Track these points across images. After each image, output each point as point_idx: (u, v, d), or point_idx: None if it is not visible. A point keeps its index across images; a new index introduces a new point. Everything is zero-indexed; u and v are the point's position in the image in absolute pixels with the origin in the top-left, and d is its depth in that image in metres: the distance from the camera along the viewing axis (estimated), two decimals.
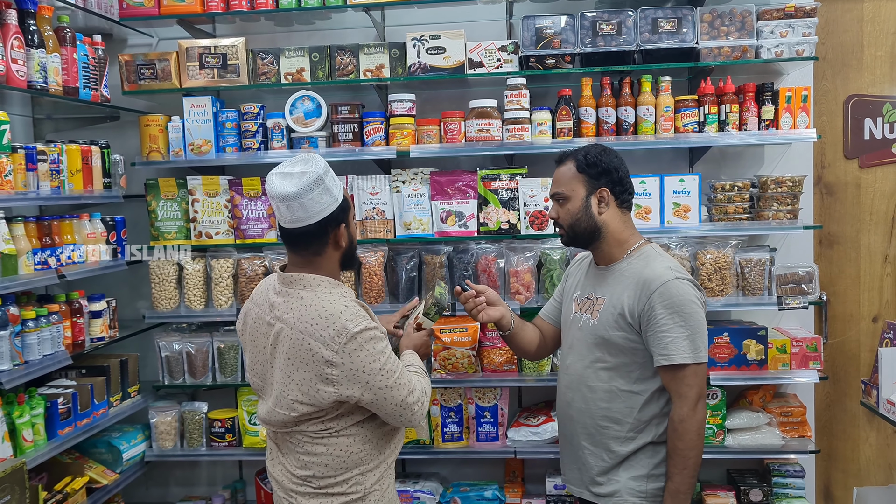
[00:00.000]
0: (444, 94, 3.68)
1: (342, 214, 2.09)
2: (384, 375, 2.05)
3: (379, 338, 2.06)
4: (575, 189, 2.35)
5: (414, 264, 3.50)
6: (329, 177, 2.04)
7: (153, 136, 3.50)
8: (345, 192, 2.13)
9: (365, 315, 2.06)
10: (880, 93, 3.66)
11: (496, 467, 3.78)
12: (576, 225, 2.37)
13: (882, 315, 3.71)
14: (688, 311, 2.20)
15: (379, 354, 2.04)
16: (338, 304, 2.04)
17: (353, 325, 2.00)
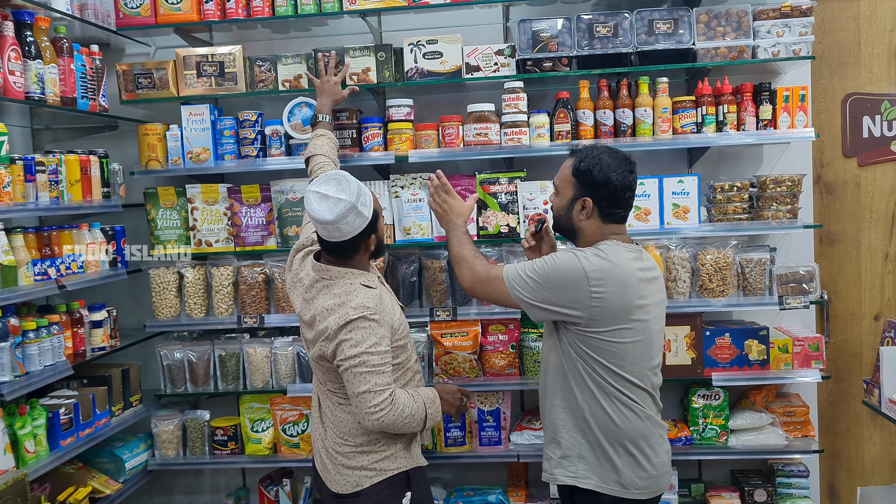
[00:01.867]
0: (442, 98, 3.68)
1: (372, 227, 2.44)
2: (355, 362, 2.33)
3: (371, 328, 2.34)
4: (565, 188, 2.45)
5: (414, 269, 3.50)
6: (362, 199, 2.37)
7: (152, 145, 3.51)
8: (375, 204, 2.46)
9: (368, 307, 2.35)
10: (878, 91, 3.65)
11: (499, 471, 3.77)
12: (559, 218, 2.50)
13: (884, 313, 3.70)
14: (547, 270, 2.34)
15: (362, 342, 2.33)
16: (351, 294, 2.38)
17: (350, 314, 2.34)
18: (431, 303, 3.48)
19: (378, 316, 2.38)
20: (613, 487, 2.34)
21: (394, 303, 2.59)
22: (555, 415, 2.45)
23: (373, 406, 2.33)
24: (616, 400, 2.34)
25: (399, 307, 2.63)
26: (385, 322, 2.40)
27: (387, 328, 2.41)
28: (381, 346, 2.36)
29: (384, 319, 2.40)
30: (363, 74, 3.41)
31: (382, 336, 2.38)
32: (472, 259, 2.58)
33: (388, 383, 2.37)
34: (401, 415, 2.39)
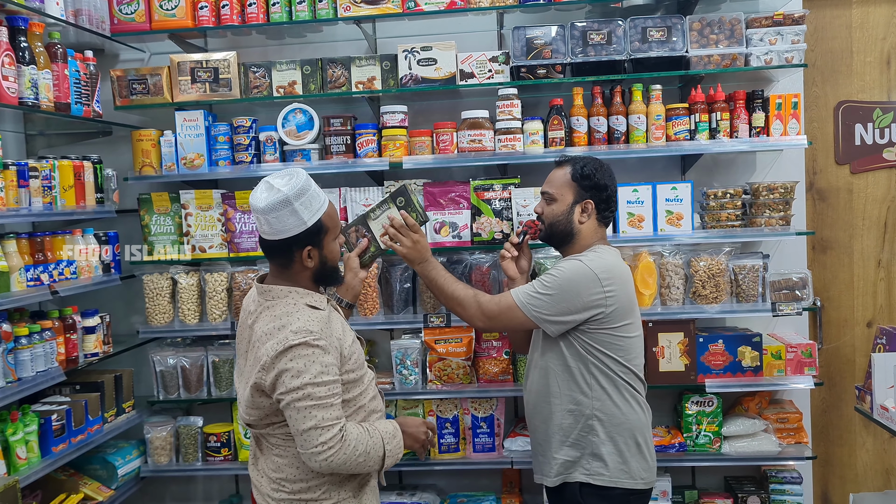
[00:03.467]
0: (436, 105, 3.69)
1: (310, 238, 2.15)
2: (298, 395, 2.05)
3: (315, 356, 2.06)
4: (564, 194, 2.57)
5: (408, 276, 3.50)
6: (302, 200, 2.11)
7: (145, 151, 3.50)
8: (328, 219, 2.19)
9: (311, 331, 2.08)
10: (870, 98, 3.67)
11: (493, 478, 3.77)
12: (554, 225, 2.59)
13: (876, 320, 3.72)
14: (559, 283, 2.44)
15: (305, 372, 2.05)
16: (292, 316, 2.11)
17: (292, 339, 2.06)
18: (425, 309, 3.48)
19: (324, 342, 2.09)
20: (624, 480, 2.45)
21: (346, 330, 2.27)
22: (559, 419, 2.50)
23: (320, 444, 2.06)
24: (625, 392, 2.49)
25: (355, 336, 2.33)
26: (332, 348, 2.12)
27: (334, 355, 2.12)
28: (328, 376, 2.08)
29: (331, 345, 2.12)
30: (369, 83, 3.42)
31: (329, 364, 2.09)
32: (472, 296, 2.59)
33: (336, 417, 2.09)
34: (353, 453, 2.11)
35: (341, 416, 2.11)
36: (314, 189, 2.16)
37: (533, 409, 2.61)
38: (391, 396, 3.49)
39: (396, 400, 3.56)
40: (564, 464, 2.50)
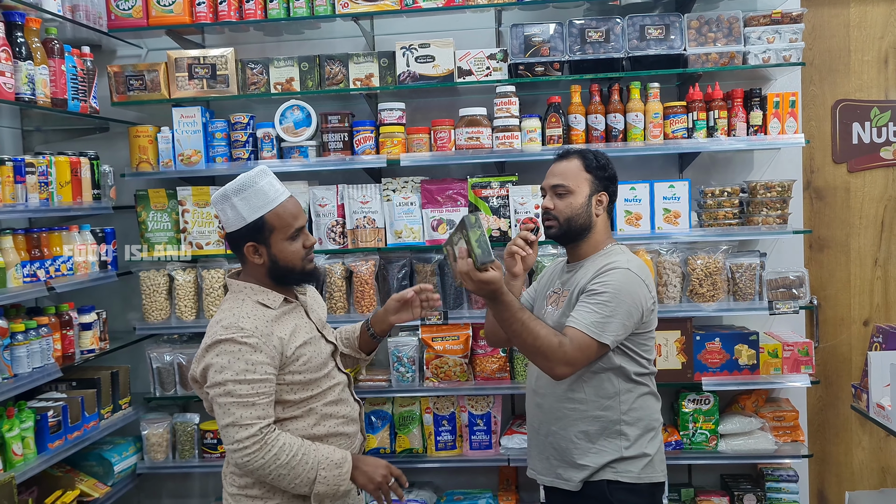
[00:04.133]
0: (434, 102, 3.68)
1: (252, 235, 2.18)
2: (220, 391, 2.08)
3: (241, 353, 2.07)
4: (580, 186, 2.40)
5: (405, 273, 3.50)
6: (242, 195, 2.15)
7: (143, 147, 3.50)
8: (274, 218, 2.17)
9: (243, 328, 2.09)
10: (868, 97, 3.67)
11: (490, 475, 3.77)
12: (573, 219, 2.40)
13: (873, 318, 3.72)
14: (620, 299, 2.25)
15: (227, 368, 2.07)
16: (232, 311, 2.15)
17: (220, 333, 2.09)
18: None
19: (254, 339, 2.08)
20: (650, 474, 2.37)
21: (299, 332, 2.22)
22: (584, 425, 2.34)
23: (236, 442, 2.06)
24: (649, 388, 2.42)
25: (321, 341, 2.29)
26: (266, 347, 2.10)
27: (267, 354, 2.10)
28: (254, 374, 2.07)
29: (265, 344, 2.10)
30: (366, 80, 3.42)
31: (257, 363, 2.07)
32: (556, 345, 2.19)
33: (257, 417, 2.07)
34: (273, 461, 2.07)
35: (266, 416, 2.09)
36: (260, 186, 2.16)
37: (549, 414, 2.42)
38: (388, 393, 3.49)
39: (394, 397, 3.56)
40: (590, 468, 2.34)
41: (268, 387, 2.11)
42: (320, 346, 2.28)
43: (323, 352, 2.28)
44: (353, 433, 2.35)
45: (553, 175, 2.45)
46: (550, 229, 2.45)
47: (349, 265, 3.47)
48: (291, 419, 2.20)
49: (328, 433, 2.25)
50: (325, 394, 2.26)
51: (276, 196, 2.19)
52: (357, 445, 2.37)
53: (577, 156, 2.44)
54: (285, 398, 2.18)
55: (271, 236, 2.18)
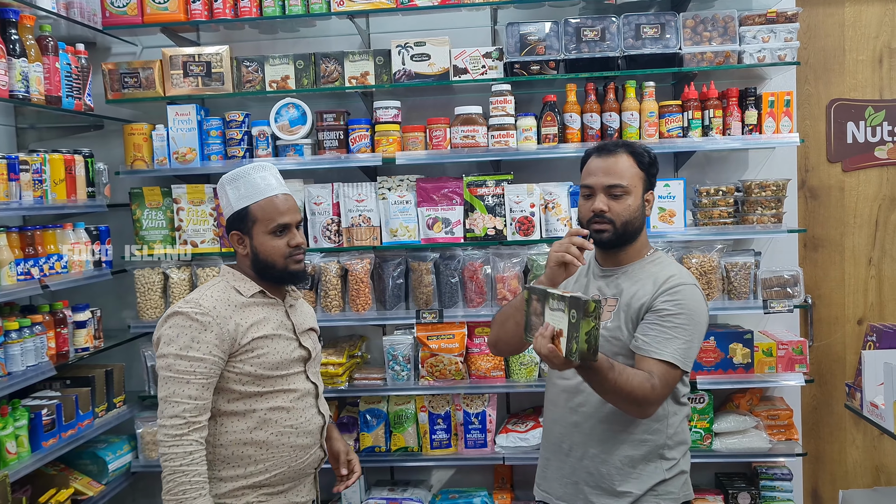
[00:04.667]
0: (430, 101, 3.68)
1: (236, 222, 2.23)
2: (162, 364, 2.09)
3: (190, 328, 2.08)
4: (636, 185, 2.17)
5: (401, 271, 3.49)
6: (235, 184, 2.22)
7: (137, 145, 3.49)
8: (258, 209, 2.19)
9: (201, 304, 2.12)
10: (862, 97, 3.68)
11: (485, 474, 3.77)
12: (631, 223, 2.17)
13: (867, 317, 3.73)
14: (696, 321, 2.09)
15: (174, 340, 2.08)
16: (201, 290, 2.21)
17: (179, 306, 2.14)
18: (418, 305, 3.48)
19: (208, 318, 2.09)
20: (687, 491, 2.25)
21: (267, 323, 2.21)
22: (630, 450, 2.16)
23: (162, 418, 2.06)
24: (688, 407, 2.29)
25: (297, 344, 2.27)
26: (216, 328, 2.09)
27: (216, 336, 2.09)
28: (196, 352, 2.07)
29: (218, 325, 2.10)
30: (362, 78, 3.41)
31: (202, 342, 2.07)
32: (649, 388, 2.00)
33: (188, 396, 2.05)
34: (171, 459, 2.04)
35: (198, 398, 2.07)
36: (252, 178, 2.22)
37: (590, 437, 2.18)
38: (384, 392, 3.49)
39: (389, 396, 3.56)
40: (632, 496, 2.16)
41: (207, 367, 2.08)
42: (287, 346, 2.24)
43: (288, 353, 2.24)
44: (304, 446, 2.26)
45: (607, 173, 2.16)
46: (603, 234, 2.15)
47: (344, 264, 3.46)
48: (231, 416, 2.17)
49: (268, 441, 2.19)
50: (273, 397, 2.20)
51: (265, 189, 2.22)
52: (309, 460, 2.29)
53: (625, 150, 2.19)
54: (231, 387, 2.15)
55: (254, 227, 2.21)
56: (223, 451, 2.17)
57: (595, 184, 2.17)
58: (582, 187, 2.22)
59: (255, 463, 2.19)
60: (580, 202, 2.23)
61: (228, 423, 2.17)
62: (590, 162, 2.22)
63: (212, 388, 2.12)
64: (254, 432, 2.18)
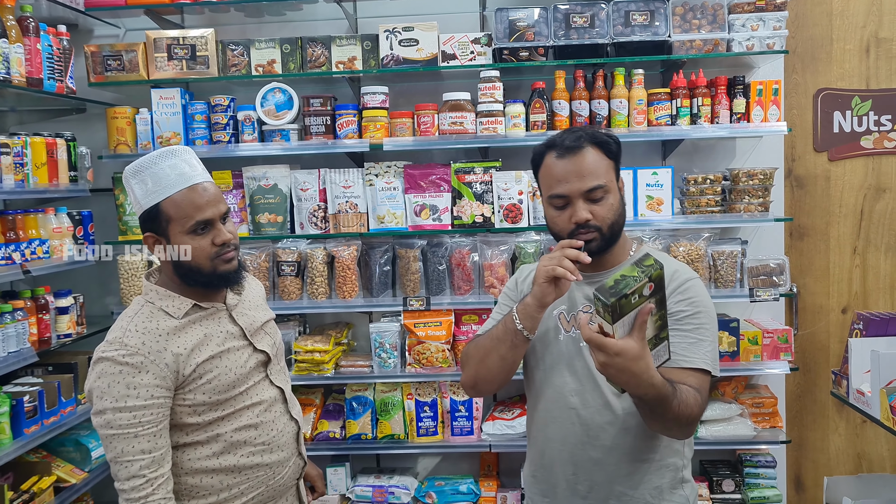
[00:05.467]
0: (418, 86, 3.65)
1: (148, 223, 1.91)
2: (100, 421, 1.81)
3: (121, 375, 1.79)
4: (611, 179, 1.88)
5: (388, 258, 3.47)
6: (140, 177, 1.88)
7: (121, 129, 3.44)
8: (169, 203, 1.86)
9: (127, 345, 1.81)
10: (849, 86, 3.69)
11: (471, 461, 3.77)
12: (617, 222, 1.88)
13: (851, 306, 3.75)
14: (713, 317, 1.87)
15: (106, 393, 1.79)
16: (122, 322, 1.89)
17: (102, 349, 1.84)
18: (405, 292, 3.46)
19: (139, 358, 1.80)
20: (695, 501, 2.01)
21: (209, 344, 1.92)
22: (657, 479, 1.89)
23: (121, 481, 1.80)
24: None
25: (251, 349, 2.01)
26: (152, 367, 1.81)
27: (154, 375, 1.81)
28: (136, 400, 1.78)
29: (154, 363, 1.81)
30: (349, 63, 3.38)
31: (140, 386, 1.79)
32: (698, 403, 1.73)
33: (141, 451, 1.79)
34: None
35: (154, 449, 1.81)
36: (159, 168, 1.86)
37: (615, 472, 1.88)
38: (370, 379, 3.47)
39: (375, 383, 3.55)
40: None
41: (154, 413, 1.81)
42: (239, 358, 1.97)
43: (242, 365, 1.97)
44: (277, 462, 2.03)
45: (580, 176, 1.83)
46: (591, 244, 1.83)
47: (331, 250, 3.44)
48: (193, 445, 1.92)
49: (239, 464, 1.95)
50: (236, 417, 1.95)
51: (176, 181, 1.86)
52: (288, 474, 2.08)
53: (590, 142, 1.86)
54: (186, 421, 1.89)
55: (169, 228, 1.87)
56: (189, 480, 1.92)
57: (570, 192, 1.83)
58: (551, 198, 1.87)
59: (227, 489, 1.95)
60: (551, 214, 1.88)
61: (192, 452, 1.92)
62: (551, 165, 1.87)
63: (167, 433, 1.86)
64: (221, 458, 1.93)
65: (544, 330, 1.95)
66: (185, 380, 1.86)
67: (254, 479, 1.98)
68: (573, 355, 1.91)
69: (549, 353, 1.95)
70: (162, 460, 1.83)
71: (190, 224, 1.86)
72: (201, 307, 1.95)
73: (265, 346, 2.05)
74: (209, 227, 1.90)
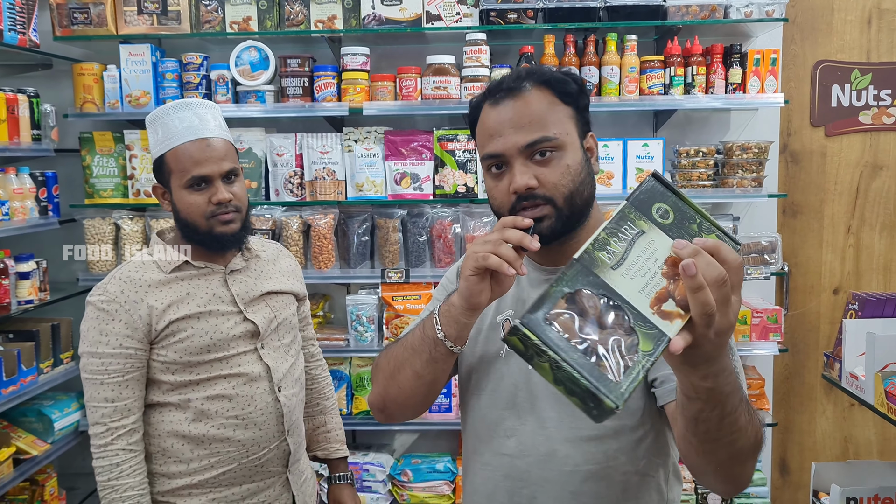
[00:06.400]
0: (401, 49, 3.49)
1: (156, 174, 1.92)
2: (81, 362, 1.84)
3: (98, 320, 1.81)
4: (569, 130, 1.35)
5: (366, 228, 3.34)
6: (152, 128, 1.89)
7: (87, 87, 3.27)
8: (170, 156, 1.85)
9: (107, 290, 1.83)
10: (849, 59, 3.56)
11: (449, 439, 3.67)
12: (578, 192, 1.34)
13: (843, 287, 3.65)
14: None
15: (84, 337, 1.82)
16: (119, 267, 1.91)
17: (90, 293, 1.86)
18: (383, 263, 3.33)
19: (113, 306, 1.80)
20: None
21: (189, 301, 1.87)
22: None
23: (90, 426, 1.83)
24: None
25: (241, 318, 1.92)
26: (125, 316, 1.80)
27: (126, 325, 1.80)
28: (106, 347, 1.79)
29: (127, 313, 1.81)
30: (329, 22, 3.21)
31: (111, 334, 1.79)
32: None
33: (105, 398, 1.80)
34: (99, 473, 1.81)
35: (118, 399, 1.80)
36: (169, 119, 1.86)
37: None
38: (346, 353, 3.36)
39: (351, 358, 3.43)
40: None
41: (122, 363, 1.81)
42: (222, 323, 1.89)
43: (224, 331, 1.89)
44: (252, 441, 1.92)
45: (518, 125, 1.32)
46: (542, 223, 1.31)
47: (307, 219, 3.30)
48: (167, 407, 1.88)
49: (209, 435, 1.88)
50: (210, 384, 1.88)
51: (182, 133, 1.85)
52: (269, 457, 1.96)
53: (534, 82, 1.36)
54: (159, 378, 1.87)
55: (171, 180, 1.88)
56: (161, 443, 1.89)
57: (504, 148, 1.32)
58: (484, 159, 1.37)
59: (197, 459, 1.89)
60: (488, 185, 1.39)
61: (166, 413, 1.89)
62: (484, 117, 1.38)
63: (136, 385, 1.84)
64: (192, 425, 1.87)
65: (484, 343, 1.46)
66: (158, 335, 1.84)
67: (224, 453, 1.90)
68: (518, 382, 1.40)
69: (488, 377, 1.43)
70: (126, 411, 1.82)
71: (187, 178, 1.85)
72: (193, 265, 1.92)
73: (258, 317, 1.95)
74: (207, 184, 1.86)
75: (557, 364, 0.85)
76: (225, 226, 1.88)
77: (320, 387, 2.32)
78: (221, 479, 1.91)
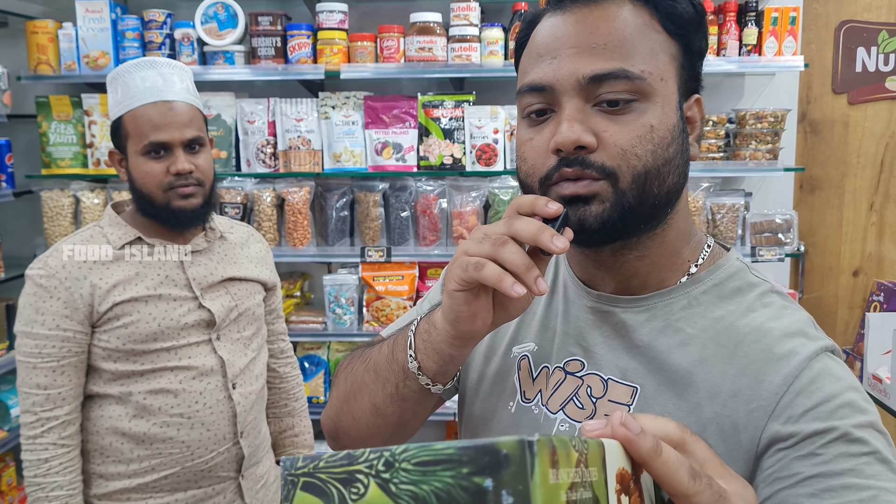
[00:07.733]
0: (383, 7, 3.20)
1: (113, 138, 1.75)
2: (18, 339, 1.67)
3: (35, 297, 1.64)
4: (666, 77, 0.85)
5: (345, 202, 3.08)
6: (112, 87, 1.73)
7: (41, 46, 3.01)
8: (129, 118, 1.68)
9: (48, 264, 1.66)
10: (877, 18, 3.24)
11: (436, 429, 3.45)
12: (657, 175, 0.84)
13: (863, 268, 3.37)
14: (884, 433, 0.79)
15: (20, 315, 1.65)
16: (65, 239, 1.74)
17: (29, 266, 1.69)
18: (363, 241, 3.08)
19: (53, 282, 1.63)
20: None
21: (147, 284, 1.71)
22: None
23: (21, 415, 1.66)
24: None
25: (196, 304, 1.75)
26: (64, 294, 1.63)
27: (64, 304, 1.63)
28: (41, 328, 1.62)
29: (67, 290, 1.64)
30: None
31: (47, 313, 1.62)
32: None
33: (37, 385, 1.63)
34: (27, 468, 1.65)
35: (51, 386, 1.64)
36: (131, 78, 1.69)
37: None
38: (324, 337, 3.12)
39: (329, 342, 3.20)
40: None
41: (57, 347, 1.64)
42: (172, 309, 1.72)
43: (175, 318, 1.71)
44: (198, 442, 1.74)
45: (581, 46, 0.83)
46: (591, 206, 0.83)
47: (280, 192, 3.04)
48: (107, 399, 1.71)
49: (150, 433, 1.70)
50: (154, 377, 1.71)
51: (143, 94, 1.68)
52: (218, 461, 1.77)
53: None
54: (100, 366, 1.69)
55: (127, 145, 1.71)
56: (100, 441, 1.71)
57: (555, 77, 0.84)
58: (521, 94, 0.88)
59: (138, 460, 1.71)
60: (520, 135, 0.89)
61: (106, 406, 1.71)
62: (536, 33, 0.89)
63: (73, 372, 1.67)
64: (132, 422, 1.70)
65: (489, 383, 1.03)
66: (101, 318, 1.67)
67: (166, 454, 1.73)
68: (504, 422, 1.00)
69: (490, 430, 1.01)
70: (60, 400, 1.66)
71: (144, 143, 1.68)
72: (146, 242, 1.75)
73: (216, 305, 1.78)
74: (167, 151, 1.70)
75: None
76: (184, 200, 1.71)
77: (289, 386, 2.10)
78: (163, 483, 1.73)
